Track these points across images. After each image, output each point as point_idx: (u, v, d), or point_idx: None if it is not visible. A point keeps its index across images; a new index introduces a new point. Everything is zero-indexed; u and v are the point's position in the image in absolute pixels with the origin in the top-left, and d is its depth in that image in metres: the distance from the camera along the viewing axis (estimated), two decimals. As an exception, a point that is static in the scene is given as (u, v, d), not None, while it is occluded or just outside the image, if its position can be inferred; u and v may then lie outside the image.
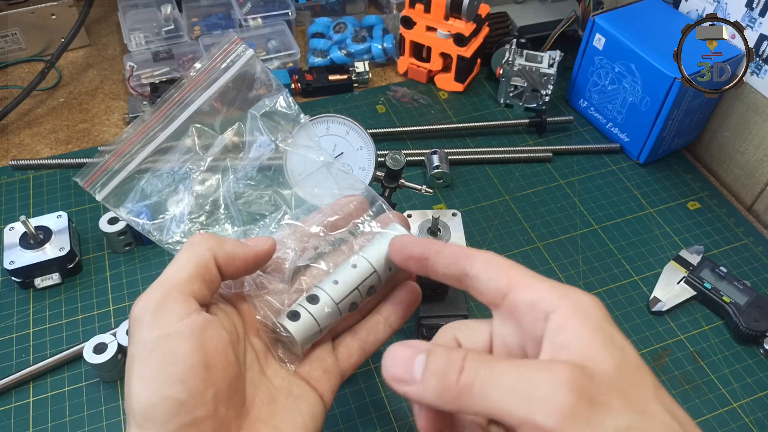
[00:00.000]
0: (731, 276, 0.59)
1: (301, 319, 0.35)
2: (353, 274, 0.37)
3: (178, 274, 0.33)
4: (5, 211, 0.65)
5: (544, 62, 0.73)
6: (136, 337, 0.31)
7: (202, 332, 0.31)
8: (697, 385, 0.53)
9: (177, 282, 0.32)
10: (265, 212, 0.42)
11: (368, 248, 0.38)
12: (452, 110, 0.78)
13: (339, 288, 0.37)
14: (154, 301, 0.32)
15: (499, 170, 0.71)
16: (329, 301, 0.36)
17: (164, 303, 0.31)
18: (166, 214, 0.40)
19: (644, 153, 0.70)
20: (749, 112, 0.66)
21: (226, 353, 0.32)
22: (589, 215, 0.66)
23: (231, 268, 0.34)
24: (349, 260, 0.38)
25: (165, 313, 0.31)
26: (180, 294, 0.32)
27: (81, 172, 0.39)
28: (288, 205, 0.42)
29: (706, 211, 0.67)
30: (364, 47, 0.82)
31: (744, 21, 0.63)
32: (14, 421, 0.50)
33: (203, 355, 0.31)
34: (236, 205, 0.41)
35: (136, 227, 0.40)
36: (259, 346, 0.36)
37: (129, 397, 0.30)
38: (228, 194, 0.41)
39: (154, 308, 0.31)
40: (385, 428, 0.50)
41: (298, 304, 0.36)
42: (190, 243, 0.34)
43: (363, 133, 0.51)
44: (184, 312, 0.31)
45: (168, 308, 0.31)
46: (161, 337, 0.30)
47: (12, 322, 0.56)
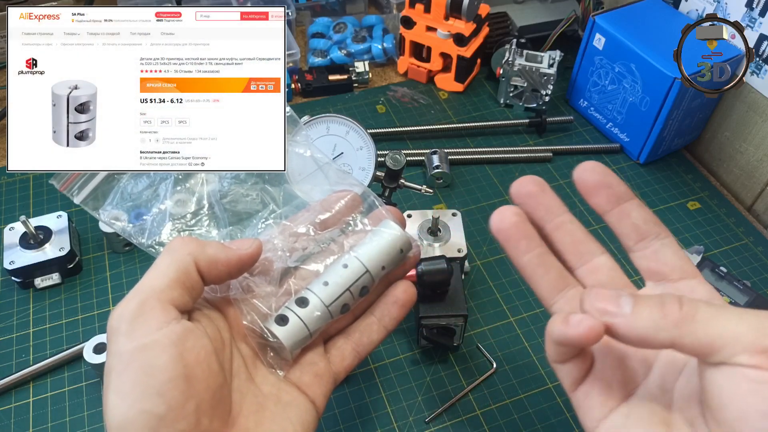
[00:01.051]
0: (731, 276, 0.59)
1: (289, 324, 0.34)
2: (344, 274, 0.35)
3: (156, 281, 0.31)
4: (5, 211, 0.65)
5: (544, 62, 0.73)
6: (112, 348, 0.30)
7: (182, 342, 0.30)
8: (697, 385, 0.53)
9: (155, 289, 0.31)
10: (252, 211, 0.40)
11: (360, 247, 0.37)
12: (452, 110, 0.78)
13: (329, 290, 0.35)
14: (131, 310, 0.30)
15: (499, 170, 0.71)
16: (319, 303, 0.35)
17: (142, 312, 0.30)
18: (148, 216, 0.39)
19: (644, 153, 0.70)
20: (749, 112, 0.66)
21: (208, 362, 0.31)
22: (589, 215, 0.66)
23: (213, 272, 0.33)
24: (340, 260, 0.36)
25: (142, 323, 0.30)
26: (158, 302, 0.30)
27: (57, 174, 0.38)
28: (276, 203, 0.41)
29: (706, 211, 0.67)
30: (364, 47, 0.82)
31: (744, 21, 0.63)
32: (14, 421, 0.50)
33: (183, 365, 0.29)
34: (221, 205, 0.40)
35: (117, 230, 0.39)
36: (247, 351, 0.35)
37: (105, 412, 0.29)
38: (213, 193, 0.40)
39: (131, 317, 0.30)
40: (385, 428, 0.50)
41: (286, 308, 0.35)
42: (170, 247, 0.33)
43: (363, 133, 0.51)
44: (162, 321, 0.30)
45: (145, 317, 0.30)
46: (138, 348, 0.29)
47: (12, 322, 0.56)
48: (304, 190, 0.42)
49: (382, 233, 0.37)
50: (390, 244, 0.37)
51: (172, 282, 0.31)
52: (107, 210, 0.39)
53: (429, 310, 0.51)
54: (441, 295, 0.51)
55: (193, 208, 0.40)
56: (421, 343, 0.53)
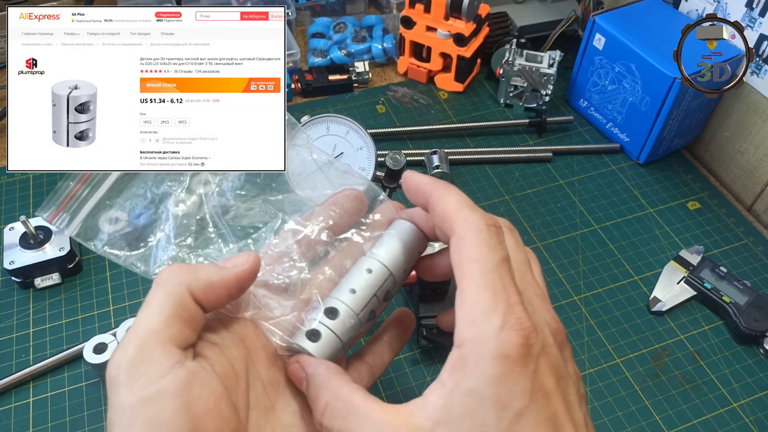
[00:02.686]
0: (731, 276, 0.59)
1: (322, 338, 0.32)
2: (369, 279, 0.33)
3: (152, 321, 0.29)
4: (5, 211, 0.65)
5: (544, 62, 0.73)
6: (113, 400, 0.27)
7: (188, 390, 0.27)
8: (697, 385, 0.53)
9: (152, 330, 0.28)
10: (258, 224, 0.38)
11: (380, 249, 0.35)
12: (452, 110, 0.78)
13: (357, 297, 0.33)
14: (129, 357, 0.28)
15: (499, 170, 0.71)
16: (350, 312, 0.33)
17: (140, 358, 0.28)
18: (149, 242, 0.36)
19: (644, 153, 0.70)
20: (749, 112, 0.66)
21: (219, 409, 0.28)
22: (589, 215, 0.66)
23: (212, 298, 0.30)
24: (362, 265, 0.34)
25: (143, 371, 0.27)
26: (157, 344, 0.28)
27: (43, 205, 0.35)
28: (283, 211, 0.39)
29: (706, 211, 0.67)
30: (364, 47, 0.82)
31: (744, 21, 0.63)
32: (14, 421, 0.50)
33: (191, 418, 0.27)
34: (225, 221, 0.38)
35: (117, 261, 0.36)
36: (267, 375, 0.33)
37: None
38: (215, 210, 0.38)
39: (130, 366, 0.27)
40: (385, 428, 0.50)
41: (316, 321, 0.33)
42: (160, 281, 0.30)
43: (363, 133, 0.51)
44: (165, 366, 0.28)
45: (145, 364, 0.27)
46: (141, 401, 0.27)
47: (12, 322, 0.56)
48: (307, 192, 0.41)
49: (401, 234, 0.35)
50: (411, 245, 0.35)
51: (169, 319, 0.29)
52: (102, 239, 0.36)
53: (429, 310, 0.51)
54: (441, 295, 0.51)
55: (195, 228, 0.37)
56: (421, 343, 0.53)
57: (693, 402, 0.52)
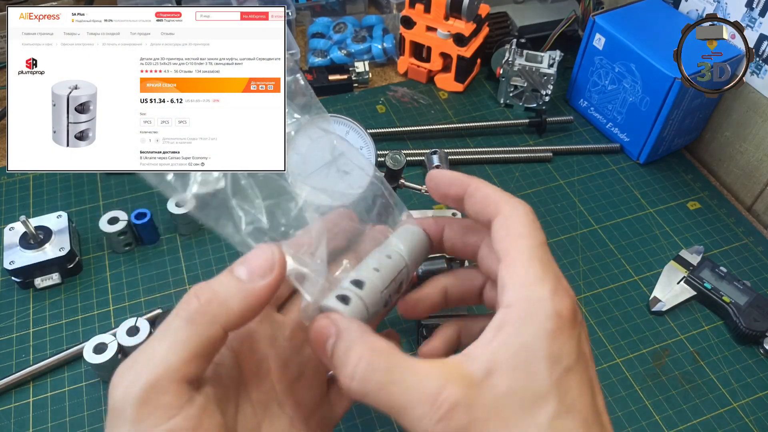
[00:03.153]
0: (731, 276, 0.59)
1: (351, 303, 0.31)
2: (390, 263, 0.34)
3: (170, 357, 0.27)
4: (5, 211, 0.65)
5: (544, 62, 0.73)
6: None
7: (195, 430, 0.27)
8: (697, 385, 0.53)
9: (169, 367, 0.27)
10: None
11: (398, 240, 0.35)
12: (452, 110, 0.78)
13: (381, 275, 0.33)
14: (138, 390, 0.26)
15: (499, 170, 0.71)
16: (376, 286, 0.32)
17: (150, 396, 0.26)
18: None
19: (644, 153, 0.70)
20: (749, 112, 0.66)
21: None
22: (589, 215, 0.66)
23: (240, 325, 0.29)
24: (382, 250, 0.35)
25: (152, 411, 0.26)
26: (171, 383, 0.26)
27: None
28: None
29: (706, 211, 0.67)
30: (364, 47, 0.82)
31: (744, 21, 0.63)
32: (14, 421, 0.50)
33: None
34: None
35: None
36: (257, 396, 0.33)
37: None
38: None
39: (139, 403, 0.26)
40: (385, 428, 0.50)
41: (345, 288, 0.32)
42: (190, 317, 0.28)
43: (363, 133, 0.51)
44: (175, 406, 0.26)
45: (155, 404, 0.26)
46: None
47: (12, 322, 0.56)
48: (308, 192, 0.41)
49: (414, 235, 0.36)
50: (420, 245, 0.36)
51: (191, 356, 0.27)
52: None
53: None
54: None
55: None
56: (421, 343, 0.53)
57: (693, 402, 0.52)
